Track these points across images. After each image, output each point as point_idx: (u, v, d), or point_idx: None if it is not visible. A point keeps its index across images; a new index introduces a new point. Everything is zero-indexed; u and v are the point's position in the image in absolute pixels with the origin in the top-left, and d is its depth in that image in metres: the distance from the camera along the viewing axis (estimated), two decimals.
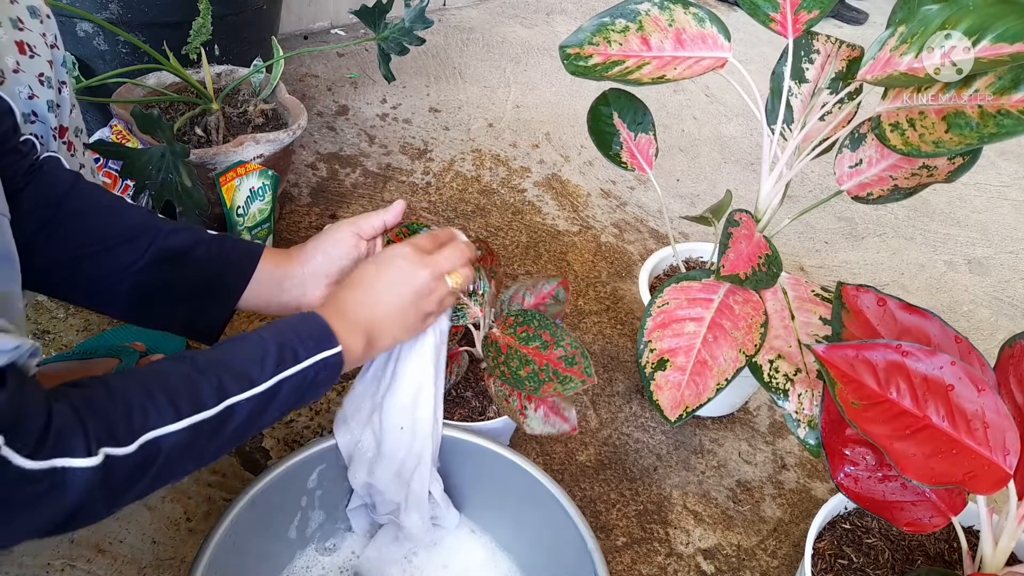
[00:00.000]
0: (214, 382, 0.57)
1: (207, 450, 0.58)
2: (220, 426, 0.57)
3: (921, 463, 0.65)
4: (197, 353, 0.59)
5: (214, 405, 0.56)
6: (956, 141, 0.76)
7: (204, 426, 0.55)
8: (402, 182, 1.54)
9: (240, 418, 0.58)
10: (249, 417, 0.59)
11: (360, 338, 0.67)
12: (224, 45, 1.40)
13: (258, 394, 0.59)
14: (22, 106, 0.72)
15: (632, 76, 0.93)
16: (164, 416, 0.53)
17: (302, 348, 0.62)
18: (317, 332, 0.64)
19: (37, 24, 0.73)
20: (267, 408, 0.60)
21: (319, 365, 0.63)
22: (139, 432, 0.52)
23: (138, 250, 0.70)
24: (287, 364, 0.61)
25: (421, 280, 0.71)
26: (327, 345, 0.64)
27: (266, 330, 0.63)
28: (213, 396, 0.56)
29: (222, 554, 0.70)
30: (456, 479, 0.86)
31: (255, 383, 0.59)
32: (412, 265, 0.71)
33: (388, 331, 0.70)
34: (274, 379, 0.60)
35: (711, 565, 0.97)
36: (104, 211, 0.71)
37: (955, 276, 1.57)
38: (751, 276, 0.89)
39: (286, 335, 0.63)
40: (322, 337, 0.64)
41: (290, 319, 0.65)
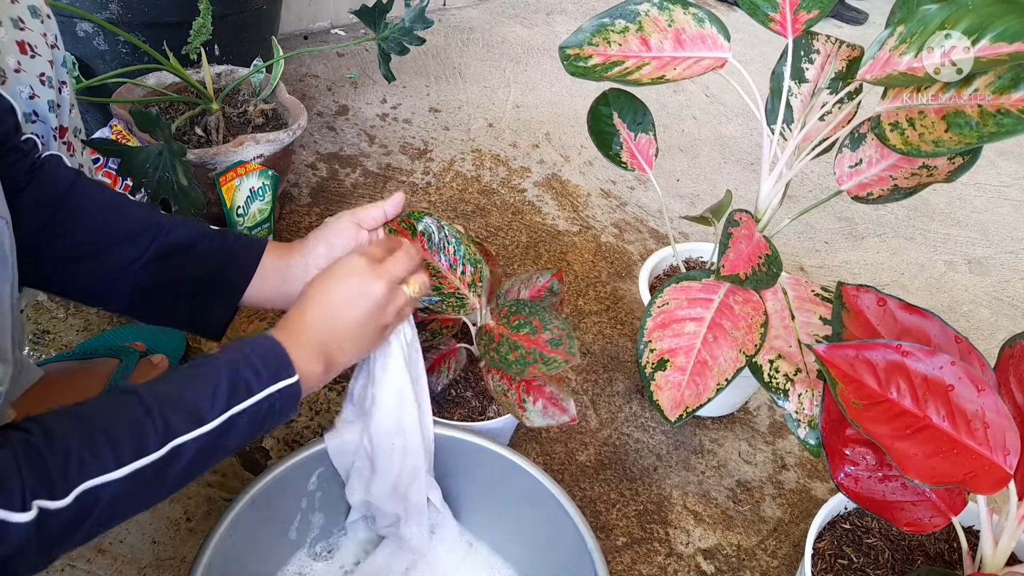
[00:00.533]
0: (159, 423, 0.54)
1: (151, 494, 0.55)
2: (165, 468, 0.54)
3: (922, 463, 0.65)
4: (147, 387, 0.57)
5: (158, 448, 0.53)
6: (956, 140, 0.76)
7: (147, 471, 0.53)
8: (402, 182, 1.54)
9: (187, 458, 0.56)
10: (198, 456, 0.56)
11: (318, 362, 0.65)
12: (224, 45, 1.40)
13: (208, 432, 0.56)
14: (23, 105, 0.72)
15: (632, 76, 0.93)
16: (104, 464, 0.51)
17: (256, 379, 0.60)
18: (273, 361, 0.62)
19: (38, 24, 0.73)
20: (218, 445, 0.58)
21: (274, 396, 0.61)
22: (74, 483, 0.49)
23: (140, 247, 0.70)
24: (239, 397, 0.59)
25: (377, 292, 0.68)
26: (283, 375, 0.62)
27: (222, 355, 0.61)
28: (157, 438, 0.54)
29: (222, 554, 0.70)
30: (456, 479, 0.86)
31: (204, 420, 0.56)
32: (366, 278, 0.69)
33: (348, 349, 0.68)
34: (226, 414, 0.58)
35: (711, 565, 0.97)
36: (106, 208, 0.71)
37: (955, 276, 1.57)
38: (751, 276, 0.89)
39: (241, 365, 0.60)
40: (279, 367, 0.62)
41: (247, 343, 0.63)
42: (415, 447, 0.77)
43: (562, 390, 0.84)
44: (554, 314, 0.83)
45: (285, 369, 0.62)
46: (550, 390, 0.84)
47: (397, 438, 0.77)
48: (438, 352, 0.92)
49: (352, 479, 0.80)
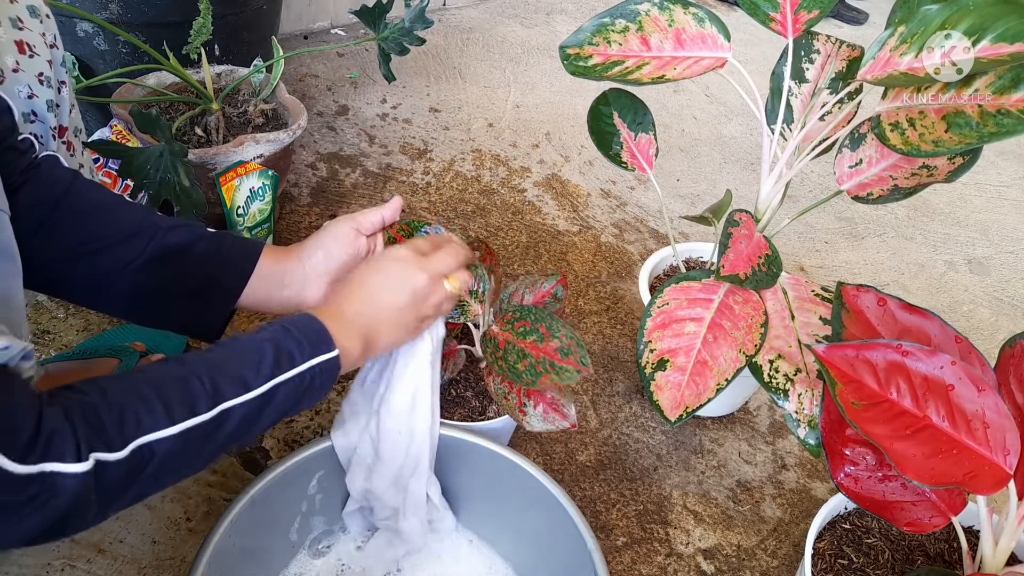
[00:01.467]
0: (208, 386, 0.56)
1: (200, 455, 0.57)
2: (214, 431, 0.56)
3: (921, 463, 0.65)
4: (193, 355, 0.58)
5: (208, 409, 0.55)
6: (956, 140, 0.76)
7: (198, 431, 0.54)
8: (402, 182, 1.54)
9: (235, 422, 0.57)
10: (243, 422, 0.58)
11: (357, 341, 0.67)
12: (224, 45, 1.40)
13: (253, 398, 0.58)
14: (21, 105, 0.72)
15: (632, 76, 0.93)
16: (158, 421, 0.52)
17: (298, 351, 0.61)
18: (314, 335, 0.63)
19: (37, 24, 0.73)
20: (262, 412, 0.59)
21: (316, 369, 0.62)
22: (131, 437, 0.51)
23: (137, 248, 0.70)
24: (283, 368, 0.60)
25: (419, 283, 0.70)
26: (324, 349, 0.63)
27: (263, 331, 0.62)
28: (208, 400, 0.55)
29: (222, 554, 0.70)
30: (455, 479, 0.86)
31: (250, 387, 0.58)
32: (410, 268, 0.71)
33: (385, 334, 0.70)
34: (270, 383, 0.59)
35: (711, 565, 0.97)
36: (103, 209, 0.71)
37: (955, 276, 1.57)
38: (751, 276, 0.89)
39: (282, 338, 0.62)
40: (319, 340, 0.63)
41: (287, 320, 0.64)
42: (421, 436, 0.77)
43: (564, 395, 0.84)
44: (561, 321, 0.83)
45: (326, 343, 0.63)
46: (551, 395, 0.84)
47: (404, 425, 0.77)
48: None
49: (353, 466, 0.80)
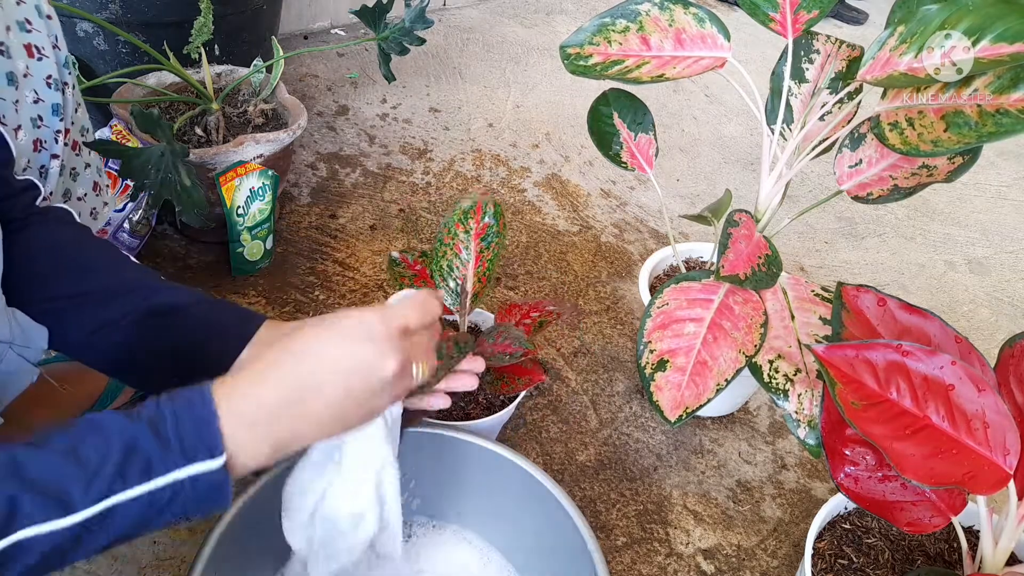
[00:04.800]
0: (4, 507, 0.40)
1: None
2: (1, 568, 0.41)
3: (921, 463, 0.65)
4: (9, 456, 0.43)
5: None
6: (955, 140, 0.76)
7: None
8: (402, 182, 1.54)
9: (37, 553, 0.42)
10: (54, 552, 0.42)
11: (265, 443, 0.49)
12: (224, 45, 1.40)
13: (69, 527, 0.42)
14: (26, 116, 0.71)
15: (632, 75, 0.93)
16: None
17: (160, 456, 0.44)
18: (192, 431, 0.46)
19: (43, 24, 0.73)
20: (88, 539, 0.43)
21: (183, 483, 0.45)
22: None
23: (127, 306, 0.66)
24: (128, 482, 0.44)
25: (387, 372, 0.53)
26: (203, 454, 0.45)
27: (129, 418, 0.46)
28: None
29: (222, 554, 0.69)
30: (454, 479, 0.86)
31: (70, 508, 0.42)
32: (381, 352, 0.53)
33: (313, 431, 0.52)
34: (103, 503, 0.43)
35: (711, 565, 0.97)
36: (103, 267, 0.68)
37: (955, 276, 1.57)
38: (751, 276, 0.89)
39: (143, 433, 0.45)
40: (198, 440, 0.46)
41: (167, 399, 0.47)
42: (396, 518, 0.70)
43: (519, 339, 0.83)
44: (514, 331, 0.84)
45: (208, 447, 0.46)
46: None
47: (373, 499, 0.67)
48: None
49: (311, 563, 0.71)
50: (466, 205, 0.89)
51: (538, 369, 0.87)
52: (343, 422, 0.54)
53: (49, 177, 0.75)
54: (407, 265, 0.94)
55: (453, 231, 0.88)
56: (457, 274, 0.88)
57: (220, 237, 1.21)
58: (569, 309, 0.93)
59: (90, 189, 0.84)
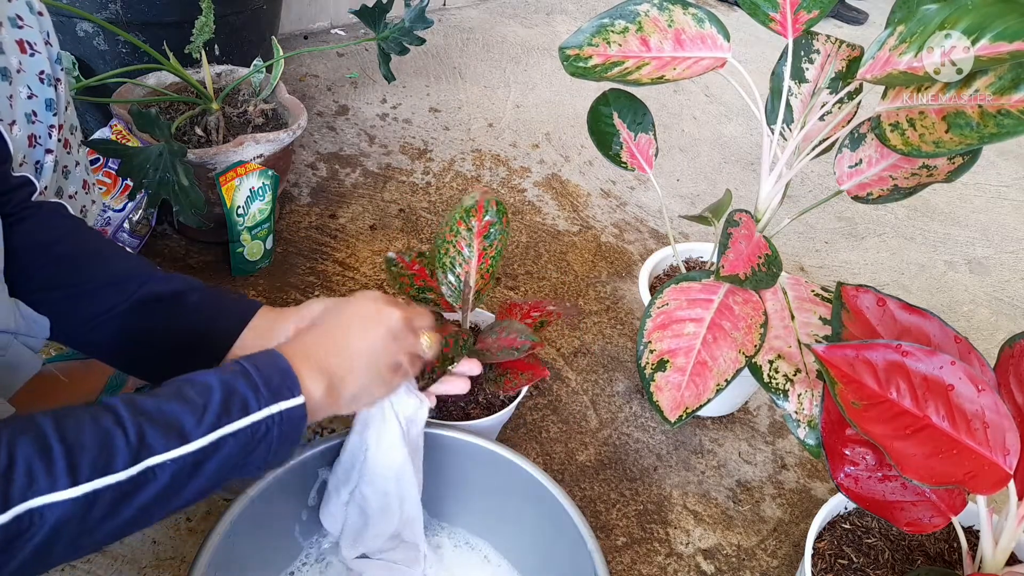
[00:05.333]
0: (133, 437, 0.47)
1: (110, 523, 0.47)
2: (132, 492, 0.47)
3: (921, 463, 0.65)
4: (126, 398, 0.50)
5: (127, 467, 0.46)
6: (956, 141, 0.76)
7: (108, 493, 0.45)
8: (402, 182, 1.54)
9: (162, 483, 0.48)
10: (174, 482, 0.49)
11: (322, 384, 0.59)
12: (224, 45, 1.40)
13: (188, 453, 0.49)
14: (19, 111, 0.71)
15: (631, 77, 0.93)
16: (56, 481, 0.43)
17: (254, 397, 0.53)
18: (276, 377, 0.55)
19: (34, 20, 0.73)
20: (200, 471, 0.50)
21: (275, 418, 0.54)
22: (17, 499, 0.42)
23: (124, 293, 0.67)
24: (232, 416, 0.52)
25: (393, 322, 0.65)
26: (287, 393, 0.55)
27: (220, 370, 0.55)
28: (128, 456, 0.46)
29: (222, 554, 0.69)
30: (456, 479, 0.86)
31: (187, 439, 0.49)
32: (384, 306, 0.66)
33: (353, 380, 0.63)
34: (212, 435, 0.50)
35: (711, 565, 0.97)
36: (98, 256, 0.69)
37: (955, 276, 1.57)
38: (751, 276, 0.89)
39: (237, 379, 0.54)
40: (282, 384, 0.55)
41: (247, 358, 0.57)
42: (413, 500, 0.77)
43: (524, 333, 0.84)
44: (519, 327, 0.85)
45: (289, 387, 0.55)
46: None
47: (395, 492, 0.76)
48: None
49: (345, 534, 0.80)
50: (468, 203, 0.89)
51: (540, 364, 0.87)
52: (374, 371, 0.64)
53: (44, 172, 0.75)
54: (404, 265, 0.94)
55: (455, 228, 0.88)
56: (460, 271, 0.88)
57: (220, 237, 1.21)
58: (569, 309, 0.93)
59: (80, 187, 0.84)
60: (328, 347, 0.62)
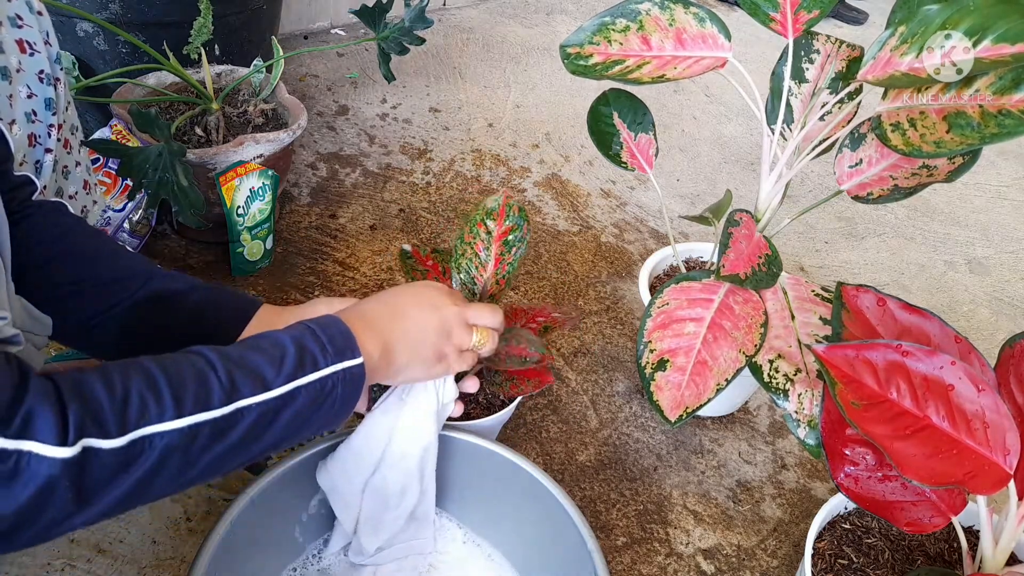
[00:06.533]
0: (225, 380, 0.51)
1: (206, 456, 0.51)
2: (226, 429, 0.51)
3: (921, 463, 0.65)
4: (210, 348, 0.54)
5: (222, 405, 0.51)
6: (957, 141, 0.76)
7: (207, 427, 0.50)
8: (402, 182, 1.53)
9: (249, 423, 0.52)
10: (259, 423, 0.53)
11: (378, 348, 0.63)
12: (224, 45, 1.40)
13: (272, 399, 0.53)
14: (19, 110, 0.71)
15: (632, 75, 0.93)
16: (164, 411, 0.48)
17: (321, 354, 0.58)
18: (340, 338, 0.59)
19: (34, 20, 0.73)
20: (279, 416, 0.54)
21: (339, 375, 0.58)
22: (132, 425, 0.46)
23: (126, 291, 0.68)
24: (306, 370, 0.56)
25: (448, 313, 0.69)
26: (349, 354, 0.59)
27: (286, 330, 0.59)
28: (223, 395, 0.51)
29: (222, 554, 0.69)
30: (456, 479, 0.86)
31: (269, 386, 0.54)
32: (443, 296, 0.70)
33: (403, 352, 0.66)
34: (291, 384, 0.55)
35: (711, 565, 0.97)
36: (99, 254, 0.70)
37: (955, 276, 1.57)
38: (751, 276, 0.89)
39: (306, 337, 0.58)
40: (344, 345, 0.59)
41: (313, 321, 0.61)
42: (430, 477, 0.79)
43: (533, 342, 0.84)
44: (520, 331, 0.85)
45: (351, 349, 0.59)
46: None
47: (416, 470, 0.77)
48: None
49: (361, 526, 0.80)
50: (490, 205, 0.88)
51: (546, 371, 0.87)
52: (422, 351, 0.68)
53: (43, 172, 0.76)
54: (419, 259, 0.94)
55: (475, 230, 0.88)
56: (475, 273, 0.88)
57: (220, 237, 1.21)
58: (573, 317, 0.93)
59: (80, 187, 0.85)
60: (385, 317, 0.66)
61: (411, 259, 0.94)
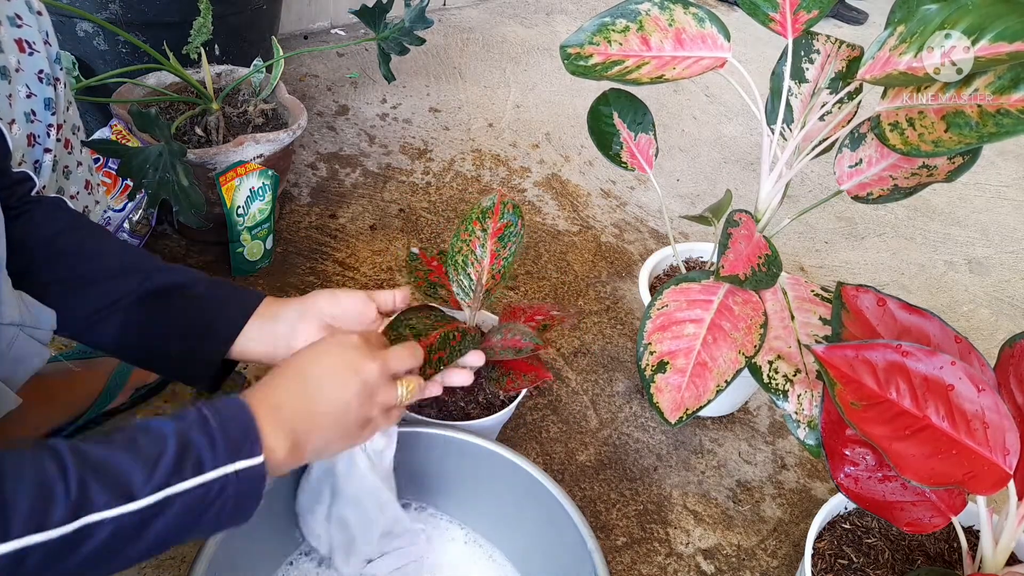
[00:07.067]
0: (75, 489, 0.44)
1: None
2: (65, 551, 0.43)
3: (921, 463, 0.65)
4: (74, 445, 0.47)
5: (64, 522, 0.43)
6: (956, 141, 0.76)
7: (40, 550, 0.42)
8: (402, 182, 1.54)
9: (99, 542, 0.45)
10: (114, 541, 0.45)
11: (285, 441, 0.56)
12: (224, 45, 1.40)
13: (134, 512, 0.46)
14: (20, 109, 0.72)
15: (632, 76, 0.93)
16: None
17: (210, 452, 0.50)
18: (237, 431, 0.52)
19: (33, 19, 0.73)
20: (144, 532, 0.47)
21: (230, 478, 0.50)
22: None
23: (129, 285, 0.68)
24: (184, 473, 0.48)
25: (369, 374, 0.62)
26: (246, 452, 0.51)
27: (178, 418, 0.52)
28: (66, 509, 0.43)
29: (222, 554, 0.69)
30: (454, 479, 0.86)
31: (133, 496, 0.46)
32: (360, 356, 0.62)
33: (319, 435, 0.60)
34: (160, 493, 0.47)
35: (711, 565, 0.97)
36: (99, 249, 0.70)
37: (955, 276, 1.57)
38: (751, 276, 0.89)
39: (193, 430, 0.50)
40: (242, 439, 0.52)
41: (209, 404, 0.54)
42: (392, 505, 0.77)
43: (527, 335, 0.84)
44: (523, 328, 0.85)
45: (250, 444, 0.52)
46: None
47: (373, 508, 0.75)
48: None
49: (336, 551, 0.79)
50: (486, 204, 0.89)
51: (543, 366, 0.87)
52: (343, 427, 0.62)
53: (42, 171, 0.76)
54: (424, 261, 0.96)
55: (471, 229, 0.89)
56: (471, 270, 0.88)
57: (220, 237, 1.21)
58: (572, 314, 0.94)
59: (82, 187, 0.85)
60: (298, 401, 0.59)
61: (417, 260, 0.95)
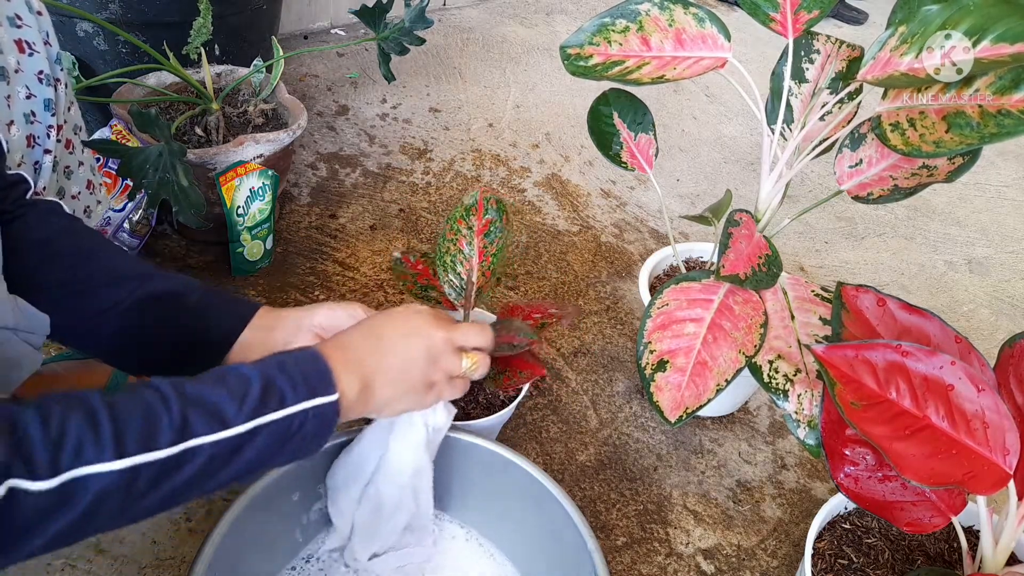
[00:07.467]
0: (177, 418, 0.49)
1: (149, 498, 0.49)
2: (171, 471, 0.49)
3: (921, 463, 0.65)
4: (171, 381, 0.52)
5: (169, 445, 0.48)
6: (957, 141, 0.76)
7: (150, 469, 0.47)
8: (402, 182, 1.54)
9: (199, 464, 0.50)
10: (211, 464, 0.51)
11: (357, 384, 0.60)
12: (224, 45, 1.40)
13: (227, 439, 0.51)
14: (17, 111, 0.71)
15: (632, 76, 0.93)
16: (102, 452, 0.45)
17: (291, 391, 0.55)
18: (314, 374, 0.57)
19: (33, 20, 0.73)
20: (236, 457, 0.52)
21: (308, 413, 0.55)
22: (64, 467, 0.44)
23: (124, 291, 0.68)
24: (270, 407, 0.53)
25: (435, 340, 0.66)
26: (322, 391, 0.57)
27: (259, 363, 0.56)
28: (171, 434, 0.48)
29: (222, 554, 0.69)
30: (456, 479, 0.86)
31: (228, 424, 0.51)
32: (429, 322, 0.67)
33: (386, 385, 0.63)
34: (251, 423, 0.52)
35: (711, 565, 0.97)
36: (94, 254, 0.70)
37: (955, 276, 1.57)
38: (751, 276, 0.89)
39: (275, 372, 0.55)
40: (319, 380, 0.57)
41: (287, 354, 0.59)
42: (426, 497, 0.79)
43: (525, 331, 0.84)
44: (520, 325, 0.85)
45: (325, 385, 0.57)
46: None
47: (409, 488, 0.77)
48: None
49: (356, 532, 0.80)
50: (468, 202, 0.90)
51: (539, 363, 0.88)
52: (408, 383, 0.65)
53: (42, 172, 0.75)
54: (409, 265, 0.95)
55: (456, 227, 0.89)
56: (460, 269, 0.89)
57: (220, 237, 1.21)
58: (571, 312, 0.94)
59: (84, 187, 0.84)
60: (367, 350, 0.63)
61: (402, 265, 0.95)
